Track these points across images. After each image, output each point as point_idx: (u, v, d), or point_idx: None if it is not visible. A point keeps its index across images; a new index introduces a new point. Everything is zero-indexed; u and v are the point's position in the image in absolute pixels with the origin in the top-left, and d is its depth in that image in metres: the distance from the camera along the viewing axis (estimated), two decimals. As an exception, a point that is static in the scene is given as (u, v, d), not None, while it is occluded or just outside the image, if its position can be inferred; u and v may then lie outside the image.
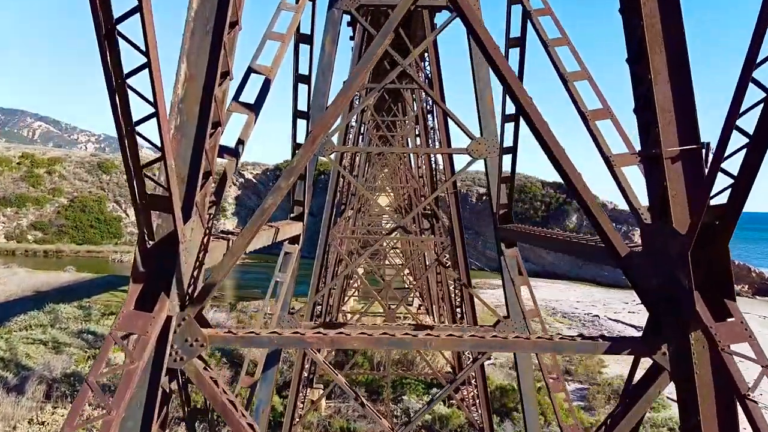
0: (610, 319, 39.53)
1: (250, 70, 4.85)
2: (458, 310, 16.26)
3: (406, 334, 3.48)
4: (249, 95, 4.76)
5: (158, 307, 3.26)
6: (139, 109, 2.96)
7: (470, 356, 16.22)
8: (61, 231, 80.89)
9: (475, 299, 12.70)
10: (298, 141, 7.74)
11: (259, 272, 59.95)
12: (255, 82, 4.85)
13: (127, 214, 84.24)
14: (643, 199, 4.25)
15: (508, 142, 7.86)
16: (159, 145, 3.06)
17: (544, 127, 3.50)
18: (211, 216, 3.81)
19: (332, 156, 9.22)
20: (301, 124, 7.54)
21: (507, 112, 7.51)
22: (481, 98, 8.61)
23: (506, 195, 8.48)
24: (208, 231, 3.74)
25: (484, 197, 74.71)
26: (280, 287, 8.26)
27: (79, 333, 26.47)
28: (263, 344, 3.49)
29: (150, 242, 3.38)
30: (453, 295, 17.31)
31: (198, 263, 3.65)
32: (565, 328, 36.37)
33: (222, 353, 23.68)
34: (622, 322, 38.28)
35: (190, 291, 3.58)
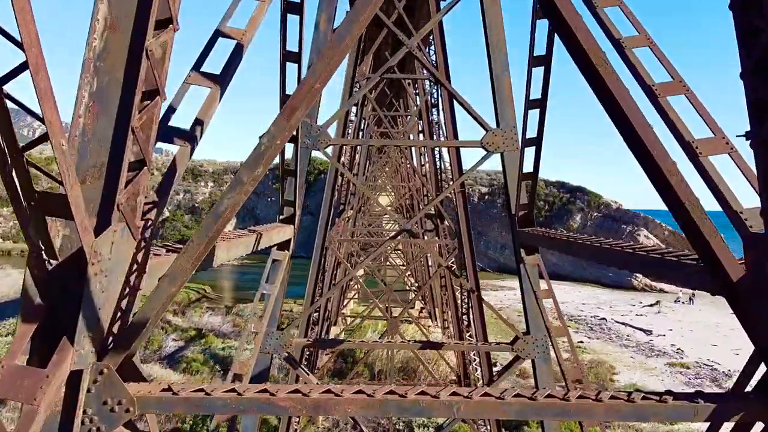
0: (618, 322, 38.40)
1: (217, 34, 3.77)
2: (464, 317, 15.16)
3: (423, 393, 2.42)
4: (216, 65, 3.64)
5: (56, 360, 2.20)
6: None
7: (476, 366, 15.15)
8: (58, 231, 79.87)
9: (485, 308, 11.60)
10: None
11: (258, 273, 58.85)
12: (224, 50, 3.76)
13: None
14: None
15: (529, 132, 6.76)
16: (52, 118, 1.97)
17: (621, 93, 2.42)
18: (151, 223, 2.73)
19: (328, 150, 8.17)
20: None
21: (532, 97, 6.41)
22: (497, 83, 7.50)
23: (527, 194, 7.40)
24: (145, 243, 2.66)
25: (486, 197, 73.57)
26: (268, 300, 7.19)
27: (68, 338, 25.39)
28: (215, 409, 2.43)
29: (51, 262, 2.31)
30: (459, 301, 16.22)
31: (129, 290, 2.57)
32: (572, 332, 35.25)
33: (215, 360, 22.64)
34: (631, 326, 37.14)
35: (115, 330, 2.51)
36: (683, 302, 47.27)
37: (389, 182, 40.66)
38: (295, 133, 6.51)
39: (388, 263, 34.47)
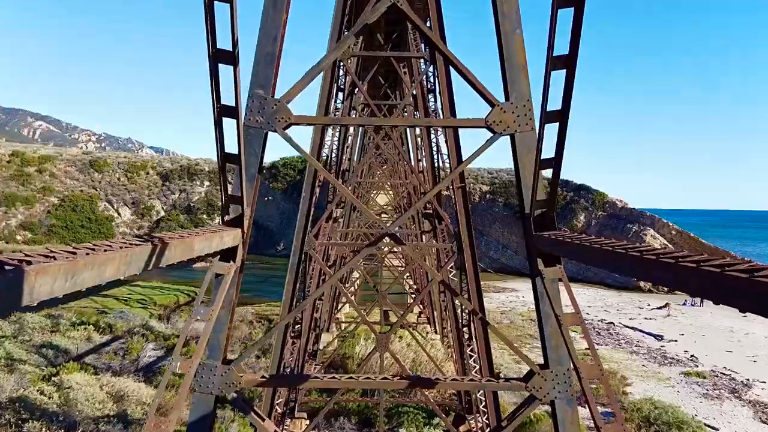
0: (626, 326, 36.62)
1: None
2: (465, 329, 13.45)
3: None
4: None
5: None
6: None
7: (475, 373, 13.48)
8: (51, 231, 78.98)
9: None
10: (223, 102, 4.91)
11: (256, 274, 57.34)
12: None
13: (119, 214, 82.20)
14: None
15: (551, 103, 5.04)
16: None
17: None
18: None
19: (290, 132, 6.48)
20: (227, 72, 4.70)
21: (556, 53, 4.67)
22: (506, 44, 5.79)
23: (545, 189, 5.70)
24: None
25: (487, 195, 71.73)
26: (206, 326, 5.50)
27: (41, 347, 23.71)
28: None
29: None
30: (459, 311, 14.51)
31: None
32: (578, 337, 33.51)
33: (195, 372, 20.90)
34: (640, 330, 35.39)
35: None
36: (692, 304, 45.55)
37: (387, 181, 38.97)
38: (235, 104, 4.84)
39: (384, 265, 32.65)
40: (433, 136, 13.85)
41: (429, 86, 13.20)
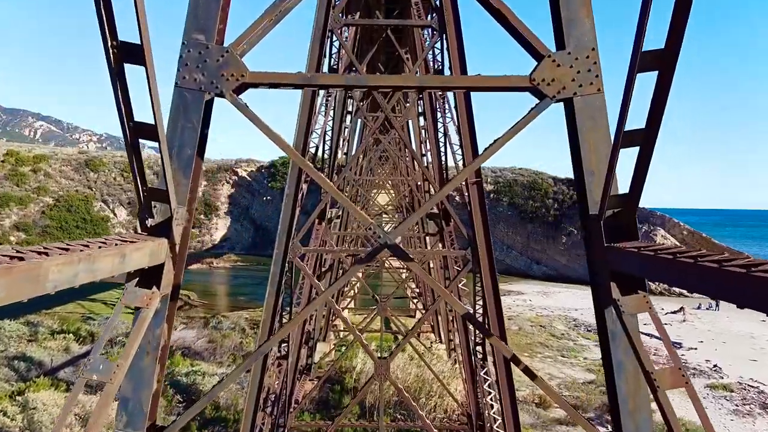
0: (643, 332, 34.68)
1: None
2: (479, 349, 11.61)
3: None
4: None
5: None
6: None
7: (491, 401, 11.66)
8: (46, 232, 77.46)
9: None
10: (121, 40, 3.07)
11: (254, 276, 55.62)
12: None
13: (115, 214, 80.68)
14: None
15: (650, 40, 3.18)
16: None
17: None
18: None
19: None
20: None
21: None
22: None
23: (616, 185, 3.84)
24: None
25: (491, 195, 69.71)
26: (109, 390, 3.65)
27: (14, 358, 21.89)
28: None
29: None
30: (472, 327, 12.64)
31: None
32: (592, 344, 31.66)
33: (176, 388, 19.11)
34: (657, 337, 33.42)
35: None
36: (707, 308, 43.62)
37: (388, 179, 37.16)
38: (140, 41, 3.01)
39: (385, 268, 30.79)
40: (440, 124, 12.00)
41: (436, 66, 11.34)
